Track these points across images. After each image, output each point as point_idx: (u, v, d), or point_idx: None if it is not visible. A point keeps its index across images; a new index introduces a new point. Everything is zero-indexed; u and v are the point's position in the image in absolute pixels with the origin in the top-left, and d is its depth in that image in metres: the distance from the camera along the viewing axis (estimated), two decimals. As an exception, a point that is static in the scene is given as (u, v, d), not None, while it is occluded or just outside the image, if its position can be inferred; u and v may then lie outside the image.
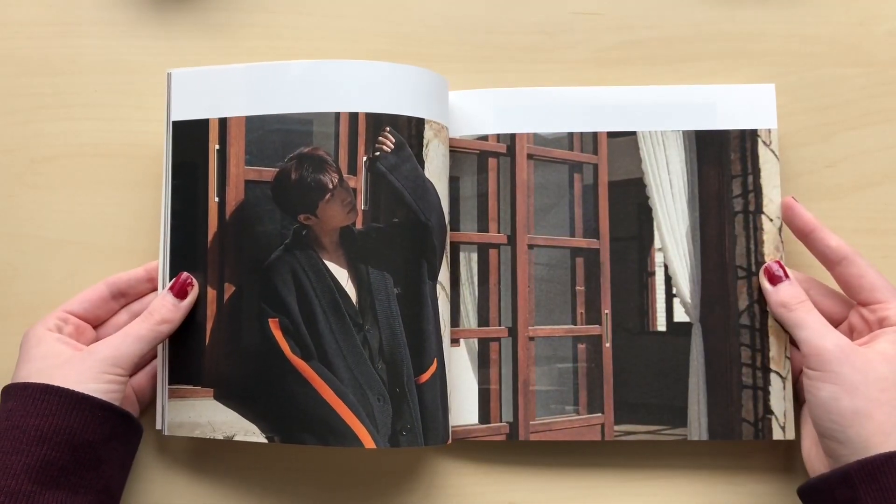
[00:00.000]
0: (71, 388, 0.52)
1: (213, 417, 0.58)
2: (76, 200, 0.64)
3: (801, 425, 0.58)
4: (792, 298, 0.56)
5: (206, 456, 0.62)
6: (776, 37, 0.64)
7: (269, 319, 0.58)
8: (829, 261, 0.57)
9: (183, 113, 0.60)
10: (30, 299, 0.63)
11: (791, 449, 0.60)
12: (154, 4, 0.66)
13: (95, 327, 0.60)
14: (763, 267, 0.59)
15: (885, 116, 0.63)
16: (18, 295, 0.63)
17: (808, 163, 0.63)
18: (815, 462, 0.55)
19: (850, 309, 0.58)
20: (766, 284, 0.58)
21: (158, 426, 0.59)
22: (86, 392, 0.52)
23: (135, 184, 0.64)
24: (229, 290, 0.59)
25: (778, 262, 0.58)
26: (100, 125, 0.64)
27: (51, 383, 0.52)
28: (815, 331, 0.54)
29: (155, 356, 0.60)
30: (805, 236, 0.58)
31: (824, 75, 0.64)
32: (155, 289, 0.60)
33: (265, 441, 0.57)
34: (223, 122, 0.59)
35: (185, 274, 0.58)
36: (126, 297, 0.60)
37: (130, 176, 0.64)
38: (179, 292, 0.58)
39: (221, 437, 0.58)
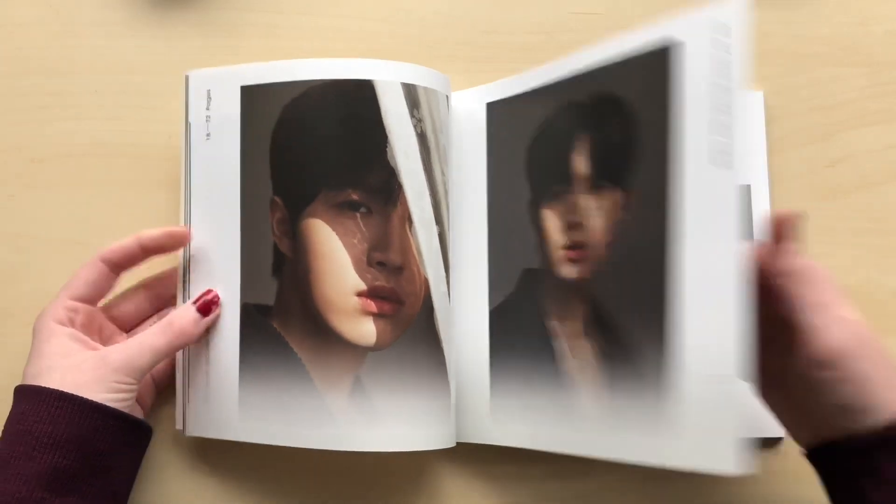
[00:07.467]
0: (83, 395, 0.51)
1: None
2: (76, 200, 0.64)
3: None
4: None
5: (205, 456, 0.62)
6: (776, 37, 0.64)
7: None
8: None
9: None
10: (30, 299, 0.63)
11: (791, 449, 0.60)
12: (154, 4, 0.66)
13: (115, 317, 0.59)
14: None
15: (885, 116, 0.63)
16: (18, 295, 0.63)
17: (808, 163, 0.63)
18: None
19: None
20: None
21: (179, 426, 0.59)
22: (98, 401, 0.52)
23: (136, 183, 0.64)
24: None
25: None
26: (100, 125, 0.64)
27: (63, 389, 0.51)
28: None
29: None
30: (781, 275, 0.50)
31: (824, 75, 0.64)
32: (147, 257, 0.58)
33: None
34: None
35: (213, 292, 0.57)
36: (123, 268, 0.58)
37: (131, 176, 0.64)
38: (203, 308, 0.57)
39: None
